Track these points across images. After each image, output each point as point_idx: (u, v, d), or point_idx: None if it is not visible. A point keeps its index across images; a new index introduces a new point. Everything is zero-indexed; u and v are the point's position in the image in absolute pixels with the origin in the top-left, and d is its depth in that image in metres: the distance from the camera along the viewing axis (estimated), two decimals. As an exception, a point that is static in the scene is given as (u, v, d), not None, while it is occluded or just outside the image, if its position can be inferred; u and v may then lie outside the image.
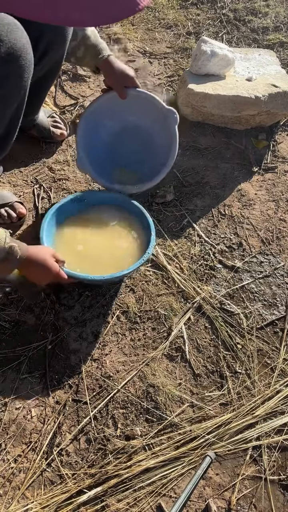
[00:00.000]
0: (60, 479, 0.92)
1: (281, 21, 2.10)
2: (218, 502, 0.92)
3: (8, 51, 0.87)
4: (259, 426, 1.01)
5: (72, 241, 1.19)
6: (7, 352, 1.06)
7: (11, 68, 0.90)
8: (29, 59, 0.93)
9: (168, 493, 0.92)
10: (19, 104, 1.00)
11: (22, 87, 0.96)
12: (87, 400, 1.02)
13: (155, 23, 2.05)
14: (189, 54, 1.90)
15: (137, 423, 1.00)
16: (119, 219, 1.25)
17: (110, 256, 1.18)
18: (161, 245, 1.31)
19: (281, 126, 1.69)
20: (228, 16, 2.11)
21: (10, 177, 1.40)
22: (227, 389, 1.07)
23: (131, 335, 1.13)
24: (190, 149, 1.58)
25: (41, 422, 0.98)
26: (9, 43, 0.86)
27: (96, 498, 0.89)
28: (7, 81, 0.92)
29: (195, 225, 1.38)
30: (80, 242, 1.20)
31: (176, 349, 1.12)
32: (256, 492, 0.94)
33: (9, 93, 0.95)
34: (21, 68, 0.92)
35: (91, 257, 1.16)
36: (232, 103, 1.54)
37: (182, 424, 1.00)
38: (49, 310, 1.14)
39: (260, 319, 1.20)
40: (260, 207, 1.45)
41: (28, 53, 0.92)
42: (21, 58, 0.90)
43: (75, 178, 1.44)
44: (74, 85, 1.71)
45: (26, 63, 0.92)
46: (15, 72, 0.91)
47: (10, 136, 1.07)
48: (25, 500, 0.89)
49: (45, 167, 1.45)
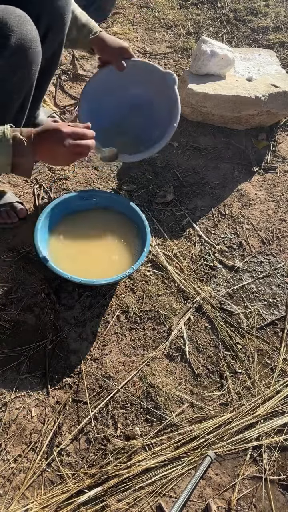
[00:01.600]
0: (60, 479, 0.92)
1: (281, 21, 2.10)
2: (218, 502, 0.92)
3: (18, 42, 0.88)
4: (259, 426, 1.01)
5: (67, 243, 1.19)
6: (7, 352, 1.06)
7: (21, 60, 0.91)
8: (37, 52, 0.94)
9: (168, 493, 0.92)
10: (25, 98, 1.01)
11: (29, 80, 0.97)
12: (87, 400, 1.02)
13: (155, 23, 2.05)
14: (189, 54, 1.90)
15: (137, 423, 1.00)
16: (115, 222, 1.25)
17: (106, 260, 1.18)
18: (161, 245, 1.31)
19: (281, 126, 1.69)
20: (228, 16, 2.11)
21: (10, 177, 1.40)
22: (227, 389, 1.07)
23: (131, 335, 1.13)
24: (190, 149, 1.58)
25: (41, 422, 0.98)
26: (19, 33, 0.87)
27: (96, 498, 0.89)
28: (16, 73, 0.92)
29: (195, 225, 1.38)
30: (75, 245, 1.20)
31: (176, 349, 1.12)
32: (256, 492, 0.94)
33: (17, 85, 0.95)
34: (30, 60, 0.93)
35: (86, 260, 1.17)
36: (232, 103, 1.54)
37: (182, 424, 1.00)
38: (49, 310, 1.14)
39: (260, 319, 1.20)
40: (260, 207, 1.46)
41: (37, 46, 0.93)
42: (30, 49, 0.91)
43: (75, 178, 1.44)
44: (74, 85, 1.71)
45: (34, 56, 0.93)
46: (24, 64, 0.92)
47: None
48: (25, 500, 0.89)
49: (45, 167, 1.45)
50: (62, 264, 1.09)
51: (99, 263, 1.17)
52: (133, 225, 1.23)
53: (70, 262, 1.13)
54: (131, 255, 1.17)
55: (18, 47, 0.88)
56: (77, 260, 1.15)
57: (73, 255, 1.16)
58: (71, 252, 1.17)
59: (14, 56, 0.89)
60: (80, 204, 1.25)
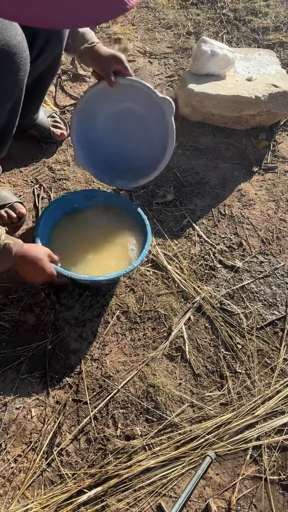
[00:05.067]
0: (60, 479, 0.92)
1: (281, 21, 2.10)
2: (218, 502, 0.92)
3: (3, 48, 0.85)
4: (259, 426, 1.01)
5: (67, 241, 1.19)
6: (7, 352, 1.06)
7: (6, 65, 0.89)
8: (24, 56, 0.91)
9: (168, 493, 0.92)
10: (16, 103, 0.99)
11: (18, 85, 0.95)
12: (87, 400, 1.02)
13: (155, 23, 2.05)
14: (189, 54, 1.90)
15: (137, 423, 1.00)
16: (115, 221, 1.25)
17: (106, 258, 1.18)
18: (161, 245, 1.31)
19: (281, 126, 1.69)
20: (228, 16, 2.11)
21: (10, 177, 1.40)
22: (227, 389, 1.07)
23: (131, 335, 1.13)
24: (190, 149, 1.58)
25: (41, 422, 0.98)
26: (3, 40, 0.85)
27: (96, 498, 0.89)
28: (2, 80, 0.91)
29: (195, 225, 1.38)
30: (75, 243, 1.20)
31: (176, 349, 1.12)
32: (256, 492, 0.94)
33: (4, 91, 0.94)
34: (17, 66, 0.91)
35: (86, 258, 1.17)
36: (232, 103, 1.54)
37: (182, 424, 1.00)
38: (49, 310, 1.14)
39: (260, 319, 1.20)
40: (260, 207, 1.46)
41: (24, 50, 0.91)
42: (16, 55, 0.89)
43: (75, 178, 1.44)
44: (74, 85, 1.71)
45: (21, 61, 0.91)
46: (10, 69, 0.90)
47: (8, 135, 1.07)
48: (25, 500, 0.89)
49: (45, 167, 1.45)
50: (62, 262, 1.09)
51: (99, 262, 1.17)
52: (134, 223, 1.23)
53: (69, 260, 1.13)
54: (132, 254, 1.18)
55: (3, 53, 0.86)
56: (77, 258, 1.16)
57: (73, 253, 1.16)
58: (71, 250, 1.17)
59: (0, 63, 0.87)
60: (81, 203, 1.25)
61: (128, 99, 1.18)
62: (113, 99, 1.18)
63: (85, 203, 1.26)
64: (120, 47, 1.90)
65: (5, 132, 1.05)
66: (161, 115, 1.15)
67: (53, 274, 1.03)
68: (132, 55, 1.87)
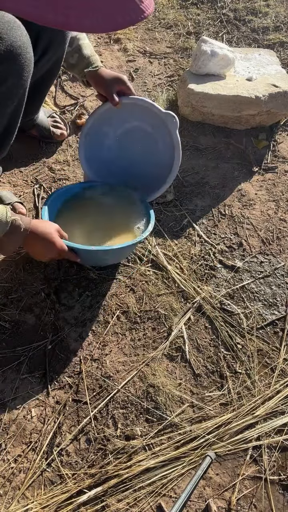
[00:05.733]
0: (60, 479, 0.92)
1: (281, 21, 2.10)
2: (218, 502, 0.92)
3: (8, 49, 0.86)
4: (259, 426, 1.01)
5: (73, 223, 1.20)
6: (7, 352, 1.06)
7: (11, 66, 0.89)
8: (28, 57, 0.92)
9: (168, 493, 0.92)
10: (18, 103, 1.00)
11: (22, 86, 0.96)
12: (87, 400, 1.02)
13: (155, 23, 2.05)
14: (189, 54, 1.90)
15: (137, 423, 1.00)
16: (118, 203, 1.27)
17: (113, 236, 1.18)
18: (161, 245, 1.31)
19: (281, 126, 1.69)
20: (228, 16, 2.10)
21: (10, 177, 1.40)
22: (227, 389, 1.07)
23: (131, 335, 1.13)
24: (190, 149, 1.57)
25: (41, 422, 0.98)
26: (8, 40, 0.85)
27: (96, 498, 0.89)
28: (6, 80, 0.91)
29: (195, 225, 1.38)
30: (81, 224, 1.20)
31: (176, 349, 1.12)
32: (256, 492, 0.94)
33: (8, 92, 0.94)
34: (21, 67, 0.91)
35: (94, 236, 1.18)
36: (232, 103, 1.54)
37: (182, 424, 1.00)
38: (49, 310, 1.14)
39: (260, 319, 1.20)
40: (260, 207, 1.45)
41: (28, 51, 0.91)
42: (20, 56, 0.89)
43: (75, 178, 1.44)
44: (74, 85, 1.71)
45: (25, 62, 0.91)
46: (15, 70, 0.91)
47: (10, 135, 1.07)
48: (25, 500, 0.89)
49: (45, 167, 1.45)
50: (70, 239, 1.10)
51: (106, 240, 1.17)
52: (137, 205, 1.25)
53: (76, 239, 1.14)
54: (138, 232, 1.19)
55: (8, 53, 0.86)
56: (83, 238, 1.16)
57: (78, 233, 1.17)
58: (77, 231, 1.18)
59: (4, 64, 0.87)
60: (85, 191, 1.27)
61: (133, 118, 1.23)
62: (119, 119, 1.22)
63: (90, 191, 1.28)
64: (120, 47, 1.90)
65: (7, 133, 1.06)
66: (166, 130, 1.21)
67: (63, 249, 1.01)
68: (132, 55, 1.87)
